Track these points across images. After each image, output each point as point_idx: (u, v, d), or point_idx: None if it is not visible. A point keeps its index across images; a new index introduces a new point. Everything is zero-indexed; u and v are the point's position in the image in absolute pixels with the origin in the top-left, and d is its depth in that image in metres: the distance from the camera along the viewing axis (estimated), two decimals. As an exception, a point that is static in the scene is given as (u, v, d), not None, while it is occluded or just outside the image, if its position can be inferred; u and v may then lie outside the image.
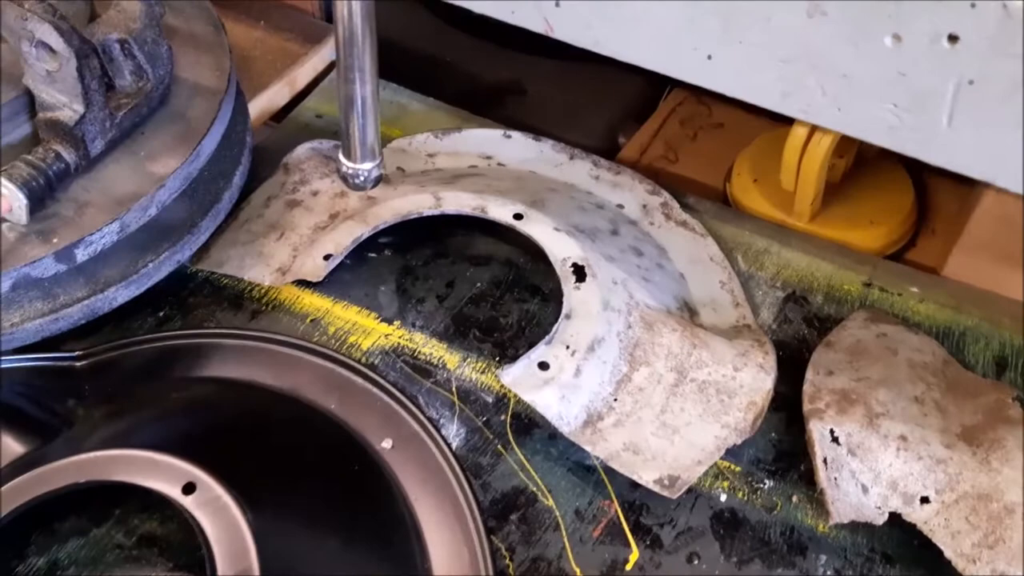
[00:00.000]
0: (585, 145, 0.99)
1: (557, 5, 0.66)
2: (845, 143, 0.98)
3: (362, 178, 0.63)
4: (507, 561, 0.68)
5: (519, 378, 0.72)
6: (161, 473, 0.64)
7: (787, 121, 1.11)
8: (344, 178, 0.64)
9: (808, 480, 0.72)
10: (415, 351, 0.80)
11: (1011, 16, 0.53)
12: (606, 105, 1.22)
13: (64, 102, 0.72)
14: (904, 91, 0.58)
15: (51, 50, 0.70)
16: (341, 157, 0.63)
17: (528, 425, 0.76)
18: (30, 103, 0.74)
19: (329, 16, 1.19)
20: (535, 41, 1.27)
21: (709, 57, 0.63)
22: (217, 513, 0.62)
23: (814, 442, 0.70)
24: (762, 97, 0.63)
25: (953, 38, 0.55)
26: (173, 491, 0.63)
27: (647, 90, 1.24)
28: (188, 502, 0.63)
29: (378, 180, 0.65)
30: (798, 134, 0.94)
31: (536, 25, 0.68)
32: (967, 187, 1.09)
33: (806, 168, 0.96)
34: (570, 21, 0.67)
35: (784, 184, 0.99)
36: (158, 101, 0.79)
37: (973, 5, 0.54)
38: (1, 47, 0.76)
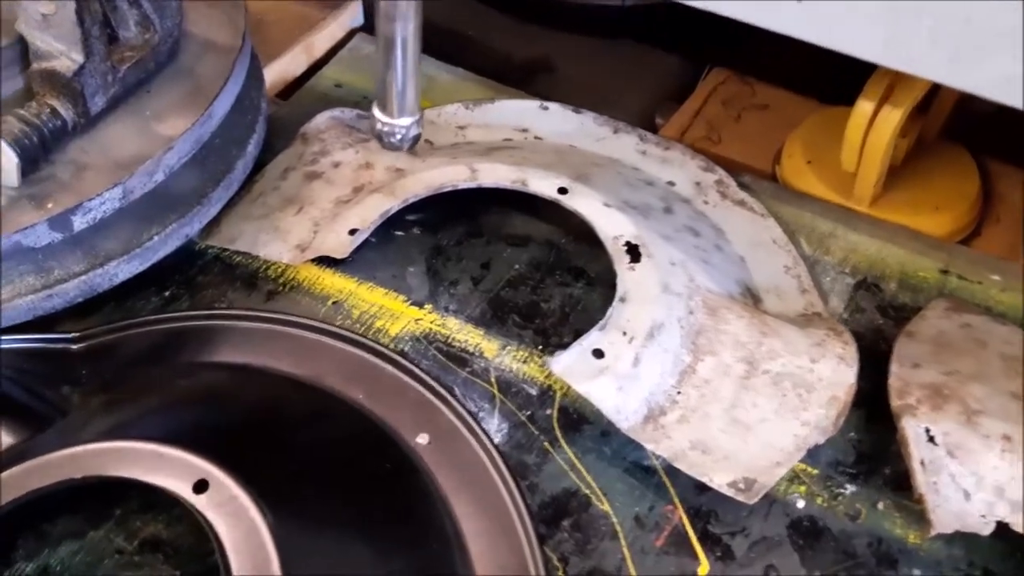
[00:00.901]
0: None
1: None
2: (908, 121, 0.90)
3: (399, 136, 0.55)
4: (560, 573, 0.60)
5: (571, 367, 0.64)
6: (169, 468, 0.56)
7: (836, 100, 1.04)
8: (380, 136, 0.56)
9: (895, 485, 0.64)
10: (449, 338, 0.72)
11: None
12: (641, 84, 1.15)
13: (61, 50, 0.64)
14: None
15: (47, -10, 0.62)
16: (375, 111, 0.55)
17: (577, 420, 0.67)
18: (23, 52, 0.66)
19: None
20: (564, 16, 1.21)
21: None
22: (233, 514, 0.54)
23: (908, 442, 0.62)
24: (860, 47, 0.55)
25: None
26: (183, 489, 0.55)
27: (685, 69, 1.18)
28: (200, 502, 0.55)
29: (416, 139, 0.57)
30: (863, 110, 0.87)
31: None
32: (1035, 171, 1.02)
33: (871, 147, 0.88)
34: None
35: (845, 165, 0.91)
36: (166, 56, 0.72)
37: None
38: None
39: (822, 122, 1.01)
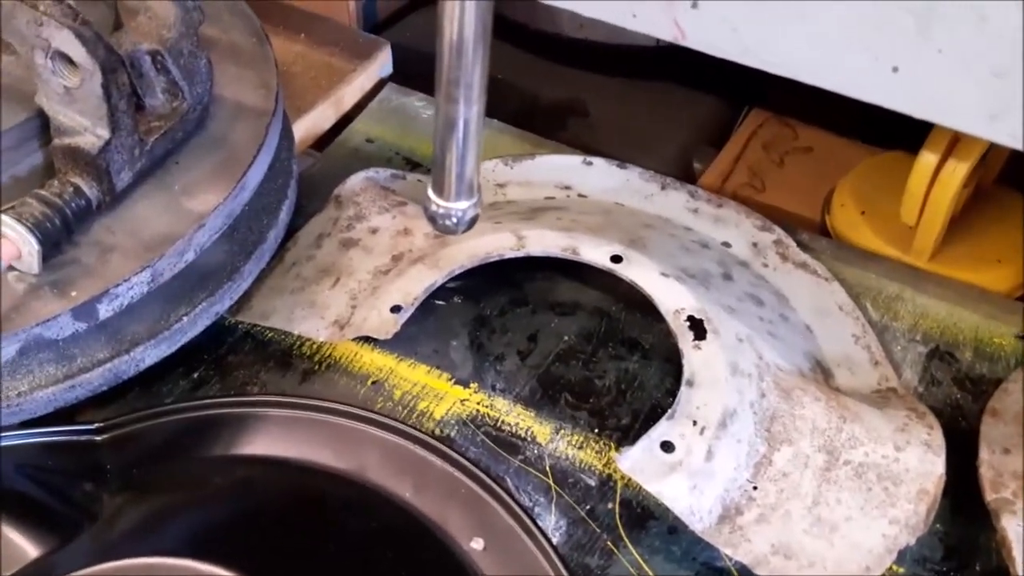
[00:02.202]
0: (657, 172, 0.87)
1: (694, 6, 0.54)
2: (971, 171, 0.85)
3: (455, 219, 0.51)
4: None
5: (639, 463, 0.59)
6: (205, 591, 0.51)
7: (882, 143, 1.00)
8: (432, 218, 0.52)
9: (995, 588, 0.59)
10: (498, 420, 0.67)
11: None
12: (677, 127, 1.11)
13: (85, 126, 0.59)
14: None
15: (71, 62, 0.57)
16: (431, 193, 0.51)
17: (642, 516, 0.63)
18: (43, 127, 0.61)
19: (368, 22, 1.07)
20: (596, 57, 1.16)
21: (895, 70, 0.50)
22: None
23: (1011, 545, 0.57)
24: (962, 120, 0.51)
25: None
26: (222, 616, 0.50)
27: (722, 110, 1.13)
28: (241, 631, 0.50)
29: (473, 222, 0.53)
30: (927, 162, 0.82)
31: (664, 31, 0.55)
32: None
33: (935, 200, 0.83)
34: (709, 24, 0.54)
35: (905, 218, 0.86)
36: (195, 124, 0.67)
37: None
38: (6, 59, 0.63)
39: (874, 169, 0.96)
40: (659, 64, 1.14)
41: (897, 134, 0.85)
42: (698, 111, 1.13)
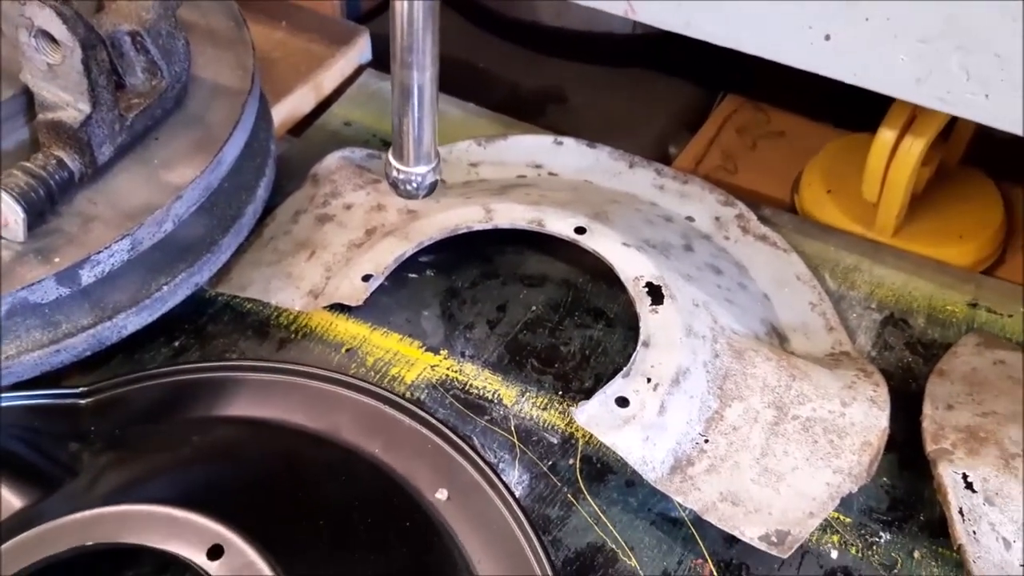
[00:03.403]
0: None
1: (641, -18, 0.57)
2: (930, 149, 0.88)
3: (415, 184, 0.54)
4: (588, 634, 0.57)
5: (595, 417, 0.62)
6: (182, 534, 0.54)
7: (852, 125, 1.02)
8: (394, 184, 0.55)
9: (931, 531, 0.62)
10: (466, 384, 0.70)
11: None
12: (654, 113, 1.14)
13: (67, 101, 0.62)
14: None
15: (53, 40, 0.60)
16: (391, 159, 0.54)
17: (601, 470, 0.65)
18: (28, 103, 0.65)
19: (351, 15, 1.10)
20: (574, 45, 1.19)
21: (827, 37, 0.54)
22: (248, 581, 0.52)
23: (947, 490, 0.59)
24: (891, 84, 0.54)
25: None
26: (197, 556, 0.53)
27: (697, 96, 1.16)
28: (215, 568, 0.53)
29: (433, 187, 0.56)
30: (885, 139, 0.85)
31: (617, 7, 0.58)
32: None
33: (893, 177, 0.86)
34: (655, 3, 0.57)
35: (866, 195, 0.89)
36: (173, 102, 0.70)
37: None
38: (-4, 40, 0.66)
39: (841, 150, 0.99)
40: (636, 51, 1.17)
41: (866, 117, 0.87)
42: (674, 97, 1.16)
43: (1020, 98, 0.51)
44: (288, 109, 0.90)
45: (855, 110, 0.90)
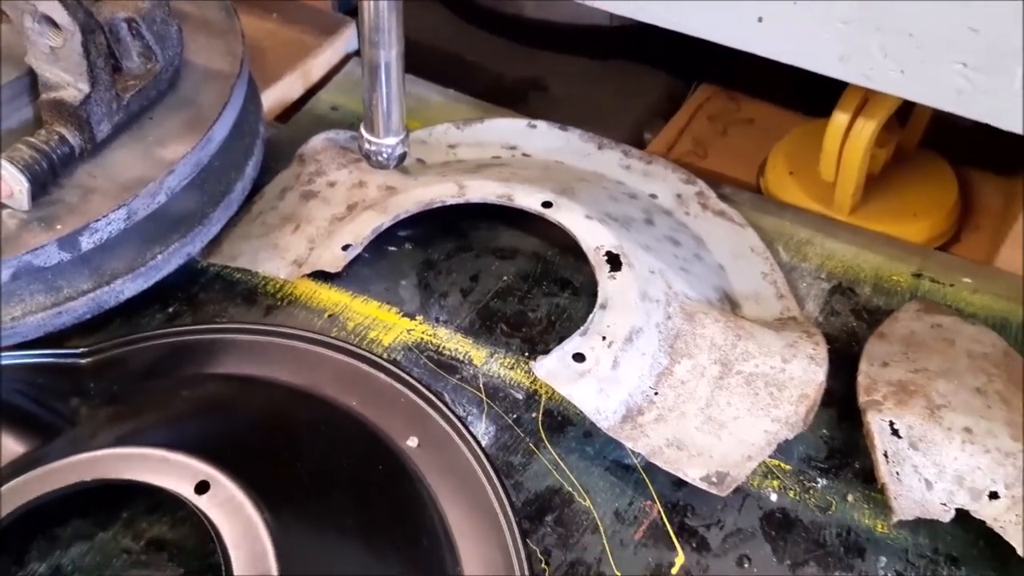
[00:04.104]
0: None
1: (593, -30, 0.62)
2: (886, 132, 0.93)
3: (385, 155, 0.59)
4: (543, 565, 0.63)
5: (553, 371, 0.67)
6: (172, 471, 0.60)
7: (821, 114, 1.08)
8: (367, 156, 0.60)
9: (864, 478, 0.67)
10: (439, 346, 0.76)
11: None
12: (630, 102, 1.19)
13: (68, 81, 0.68)
14: (976, 48, 0.54)
15: (55, 24, 0.66)
16: (363, 131, 0.59)
17: (561, 423, 0.71)
18: (32, 84, 0.70)
19: (344, 8, 1.15)
20: (555, 37, 1.24)
21: (760, 20, 0.59)
22: (233, 513, 0.57)
23: (873, 435, 0.65)
24: (818, 62, 0.59)
25: (1029, -14, 0.51)
26: (185, 490, 0.59)
27: (673, 86, 1.21)
28: (202, 502, 0.58)
29: (402, 158, 0.61)
30: (839, 121, 0.90)
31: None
32: (1012, 180, 1.05)
33: (847, 157, 0.91)
34: (605, -15, 0.63)
35: (823, 175, 0.95)
36: (167, 84, 0.75)
37: (1053, -53, 0.49)
38: (2, 26, 0.72)
39: (804, 135, 1.04)
40: (614, 43, 1.23)
41: (831, 105, 0.92)
42: (650, 87, 1.21)
43: (932, 73, 0.56)
44: (278, 95, 0.96)
45: (821, 98, 0.96)
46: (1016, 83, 0.53)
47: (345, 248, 0.77)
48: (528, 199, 0.79)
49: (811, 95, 1.06)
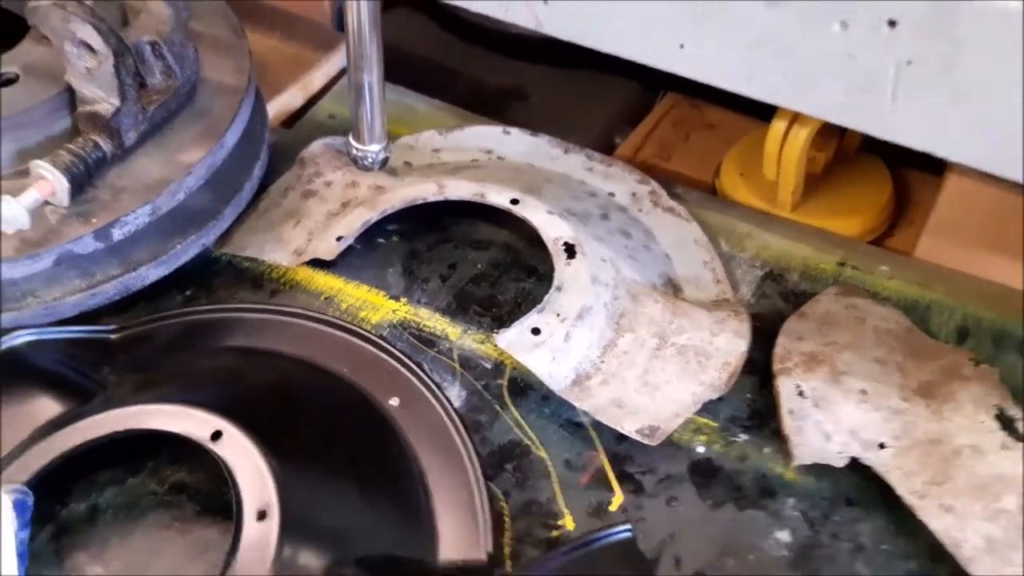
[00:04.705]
0: (583, 145, 1.06)
1: (545, 3, 0.74)
2: (823, 138, 1.05)
3: (370, 159, 0.71)
4: (503, 503, 0.74)
5: (514, 342, 0.79)
6: (191, 422, 0.71)
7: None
8: (355, 160, 0.72)
9: (778, 434, 0.79)
10: (420, 324, 0.87)
11: (939, 2, 0.60)
12: (603, 109, 1.29)
13: (101, 96, 0.80)
14: (853, 72, 0.65)
15: (91, 49, 0.78)
16: (351, 140, 0.71)
17: (523, 388, 0.82)
18: (70, 99, 0.82)
19: (341, 25, 1.27)
20: (535, 50, 1.36)
21: (682, 46, 0.70)
22: (242, 456, 0.69)
23: (781, 396, 0.76)
24: (730, 81, 0.71)
25: (892, 23, 0.62)
26: (203, 437, 0.70)
27: (641, 95, 1.31)
28: (216, 447, 0.70)
29: (385, 162, 0.73)
30: (778, 127, 1.01)
31: (527, 21, 0.75)
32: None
33: (786, 159, 1.02)
34: (557, 17, 0.75)
35: (767, 175, 1.06)
36: (185, 98, 0.87)
37: (906, -8, 0.61)
38: (43, 50, 0.84)
39: (755, 140, 1.15)
40: (589, 55, 1.33)
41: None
42: (620, 95, 1.31)
43: (820, 91, 0.67)
44: (281, 105, 1.08)
45: (773, 107, 1.07)
46: (887, 100, 0.65)
47: (339, 239, 0.89)
48: (498, 197, 0.90)
49: (766, 104, 1.17)
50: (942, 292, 0.91)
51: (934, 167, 1.17)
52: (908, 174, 1.17)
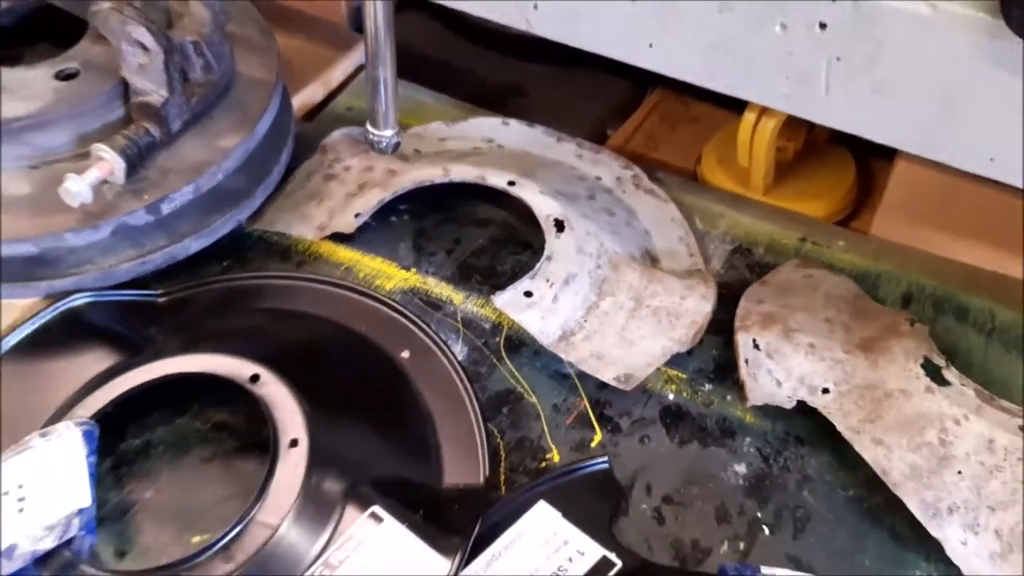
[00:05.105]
0: (578, 136, 1.17)
1: (535, 7, 0.86)
2: (792, 129, 1.16)
3: (385, 143, 0.83)
4: (499, 440, 0.86)
5: (508, 302, 0.91)
6: (232, 367, 0.83)
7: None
8: (371, 144, 0.84)
9: (739, 385, 0.91)
10: (428, 291, 0.99)
11: (861, 7, 0.72)
12: (596, 103, 1.40)
13: (152, 89, 0.92)
14: (792, 67, 0.77)
15: (144, 48, 0.90)
16: (368, 127, 0.83)
17: (518, 344, 0.94)
18: (124, 90, 0.94)
19: (357, 27, 1.39)
20: (534, 50, 1.47)
21: (651, 45, 0.82)
22: (276, 394, 0.81)
23: (739, 348, 0.88)
24: (692, 75, 0.83)
25: (823, 25, 0.75)
26: (242, 380, 0.82)
27: (631, 91, 1.43)
28: (254, 388, 0.82)
29: (397, 146, 0.85)
30: (748, 119, 1.13)
31: (519, 23, 0.87)
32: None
33: (756, 147, 1.14)
34: (545, 20, 0.87)
35: (740, 161, 1.17)
36: (222, 91, 0.99)
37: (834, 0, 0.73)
38: (102, 48, 0.96)
39: (730, 132, 1.26)
40: (582, 55, 1.45)
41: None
42: (613, 91, 1.42)
43: (767, 83, 0.79)
44: (303, 99, 1.20)
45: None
46: (821, 91, 0.77)
47: (357, 216, 1.01)
48: (497, 179, 1.02)
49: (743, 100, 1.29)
50: (890, 264, 1.03)
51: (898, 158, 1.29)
52: (874, 163, 1.29)
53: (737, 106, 1.38)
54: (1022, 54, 0.68)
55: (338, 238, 1.03)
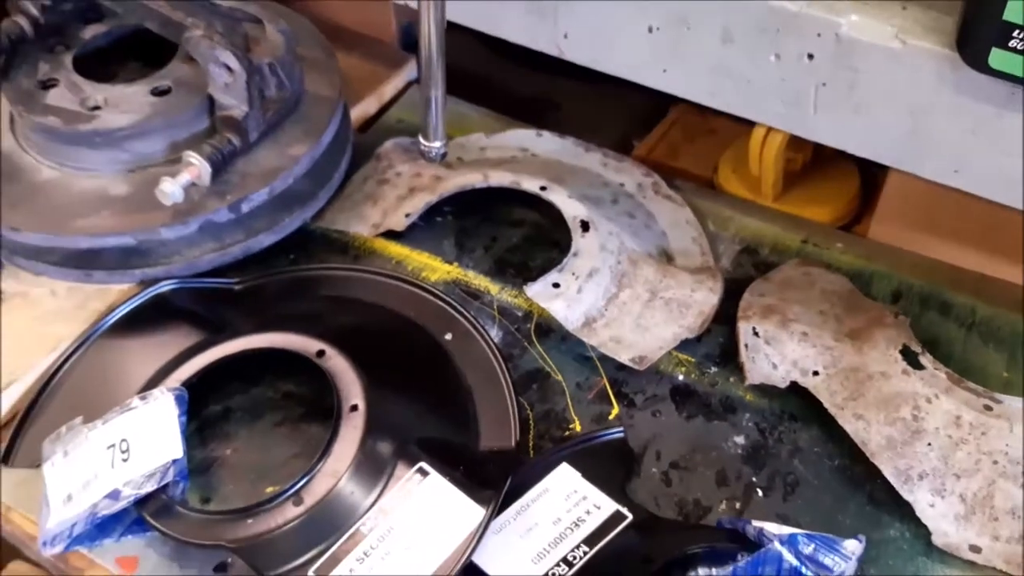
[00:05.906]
0: (604, 146, 1.30)
1: (566, 36, 0.99)
2: (799, 142, 1.28)
3: (434, 153, 0.96)
4: (528, 412, 1.00)
5: (538, 293, 1.04)
6: (301, 344, 0.97)
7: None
8: (422, 154, 0.98)
9: (741, 367, 1.03)
10: (468, 283, 1.13)
11: (842, 41, 0.85)
12: (622, 117, 1.51)
13: (235, 104, 1.06)
14: (785, 90, 0.90)
15: (229, 69, 1.04)
16: (420, 139, 0.96)
17: (547, 331, 1.08)
18: (210, 105, 1.09)
19: (406, 46, 1.53)
20: (565, 67, 1.60)
21: (665, 71, 0.96)
22: (339, 367, 0.95)
23: (740, 333, 1.01)
24: (699, 96, 0.96)
25: (811, 56, 0.87)
26: (310, 354, 0.96)
27: (654, 106, 1.54)
28: (321, 361, 0.96)
29: (444, 155, 0.98)
30: (758, 133, 1.25)
31: (551, 49, 1.01)
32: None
33: (765, 158, 1.26)
34: (574, 47, 1.00)
35: (752, 171, 1.30)
36: (293, 106, 1.13)
37: (819, 35, 0.86)
38: (190, 68, 1.10)
39: (745, 143, 1.39)
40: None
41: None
42: (637, 106, 1.54)
43: (763, 102, 0.92)
44: (360, 111, 1.34)
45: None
46: (810, 111, 0.89)
47: (407, 216, 1.14)
48: (531, 184, 1.15)
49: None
50: (883, 264, 1.15)
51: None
52: (879, 174, 1.40)
53: (750, 120, 1.51)
54: (975, 82, 0.80)
55: (390, 235, 1.16)
